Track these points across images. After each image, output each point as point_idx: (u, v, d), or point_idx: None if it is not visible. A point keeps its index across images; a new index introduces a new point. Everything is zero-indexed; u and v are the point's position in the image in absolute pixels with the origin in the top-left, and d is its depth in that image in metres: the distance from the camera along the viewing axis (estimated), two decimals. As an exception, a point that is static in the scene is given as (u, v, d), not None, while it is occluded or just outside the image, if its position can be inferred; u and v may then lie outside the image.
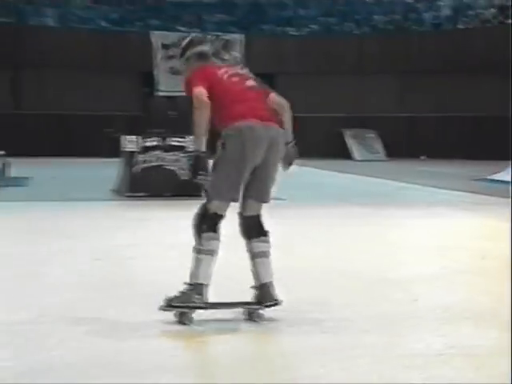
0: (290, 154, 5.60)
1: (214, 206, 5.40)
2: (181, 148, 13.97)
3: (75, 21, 31.25)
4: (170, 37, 30.37)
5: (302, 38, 32.33)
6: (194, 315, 5.20)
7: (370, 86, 30.31)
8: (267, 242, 5.52)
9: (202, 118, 5.29)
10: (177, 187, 13.66)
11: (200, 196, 13.27)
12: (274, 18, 33.63)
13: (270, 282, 5.42)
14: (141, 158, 13.86)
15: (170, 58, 30.36)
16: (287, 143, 5.60)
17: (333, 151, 29.23)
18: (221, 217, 5.37)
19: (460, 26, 31.92)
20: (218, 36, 31.21)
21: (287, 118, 5.67)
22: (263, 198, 5.55)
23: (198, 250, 5.26)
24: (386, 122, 30.13)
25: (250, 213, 5.52)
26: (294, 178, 20.63)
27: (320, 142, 29.43)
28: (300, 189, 16.61)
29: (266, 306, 5.35)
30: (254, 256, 5.44)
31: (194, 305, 5.21)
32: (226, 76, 5.61)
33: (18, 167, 17.27)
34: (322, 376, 4.13)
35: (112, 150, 13.80)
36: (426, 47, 30.43)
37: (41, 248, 5.48)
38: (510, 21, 29.66)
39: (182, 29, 31.55)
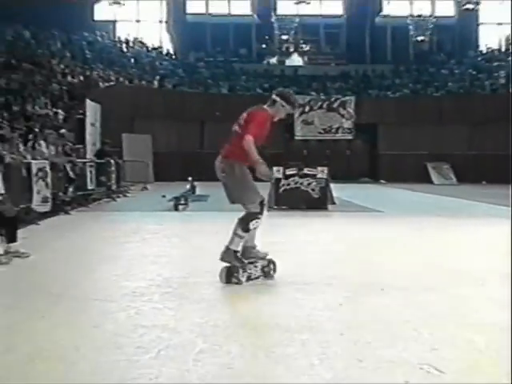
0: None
1: None
2: (312, 175, 13.95)
3: (240, 89, 31.77)
4: (304, 99, 30.45)
5: (397, 99, 31.82)
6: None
7: (446, 132, 29.61)
8: (236, 225, 5.60)
9: None
10: (309, 203, 13.74)
11: (325, 209, 13.47)
12: (377, 85, 33.31)
13: (227, 247, 5.63)
14: (284, 182, 13.91)
15: (304, 113, 30.46)
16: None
17: (418, 178, 28.65)
18: None
19: (511, 90, 30.88)
20: (337, 98, 31.08)
21: (248, 153, 5.38)
22: (229, 200, 5.76)
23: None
24: (458, 157, 29.41)
25: None
26: (391, 196, 20.40)
27: (410, 171, 29.05)
28: (395, 204, 16.36)
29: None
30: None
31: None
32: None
33: (201, 188, 17.64)
34: (414, 336, 4.07)
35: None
36: (486, 105, 29.55)
37: (223, 240, 5.71)
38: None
39: (312, 93, 31.60)
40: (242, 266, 5.65)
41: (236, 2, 36.63)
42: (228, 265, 5.63)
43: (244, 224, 5.57)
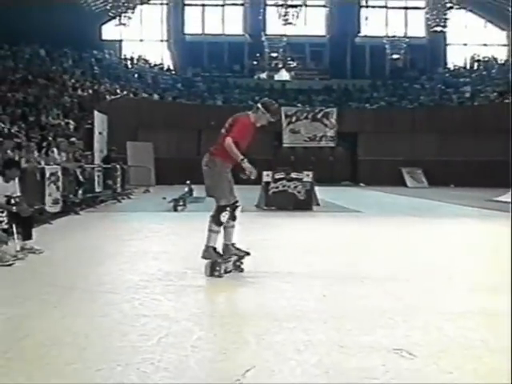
0: (242, 169, 5.58)
1: None
2: (299, 179, 13.94)
3: (234, 101, 31.69)
4: (291, 110, 30.47)
5: (375, 110, 31.84)
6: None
7: (418, 140, 29.64)
8: (209, 222, 5.67)
9: None
10: (295, 204, 13.73)
11: (310, 210, 13.48)
12: (357, 98, 33.31)
13: (206, 246, 5.63)
14: (273, 185, 13.89)
15: (291, 123, 30.46)
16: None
17: (394, 181, 28.66)
18: None
19: (476, 103, 31.04)
20: (321, 109, 31.08)
21: (230, 152, 5.50)
22: (206, 192, 5.86)
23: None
24: (429, 163, 29.42)
25: None
26: (370, 198, 20.41)
27: (386, 175, 29.02)
28: (373, 205, 16.36)
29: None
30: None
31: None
32: None
33: (198, 190, 17.54)
34: (390, 324, 4.07)
35: (254, 180, 13.82)
36: (454, 116, 29.62)
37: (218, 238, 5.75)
38: (507, 100, 28.91)
39: (299, 105, 31.58)
40: (223, 260, 5.68)
41: (229, 23, 36.72)
42: (211, 260, 5.65)
43: (216, 219, 5.63)
